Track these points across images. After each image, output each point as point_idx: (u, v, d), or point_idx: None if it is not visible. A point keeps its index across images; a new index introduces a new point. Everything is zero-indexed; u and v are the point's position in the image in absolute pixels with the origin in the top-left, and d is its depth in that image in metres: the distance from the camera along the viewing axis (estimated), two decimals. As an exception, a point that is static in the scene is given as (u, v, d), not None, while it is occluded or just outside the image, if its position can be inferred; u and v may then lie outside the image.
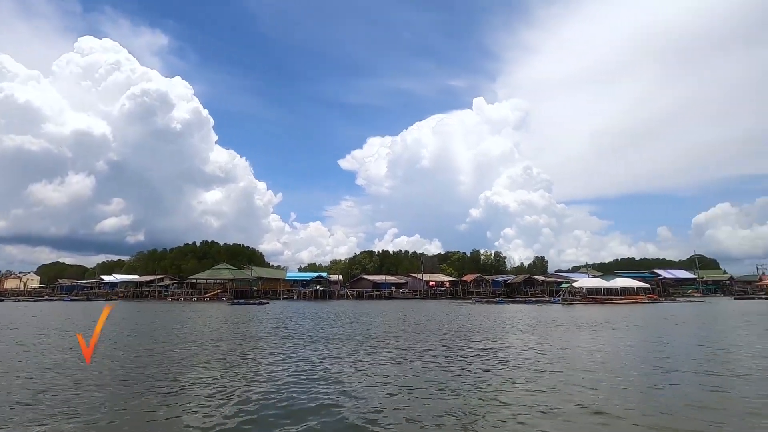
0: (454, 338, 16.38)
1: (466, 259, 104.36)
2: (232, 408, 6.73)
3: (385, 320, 26.15)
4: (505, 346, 14.10)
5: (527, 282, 75.19)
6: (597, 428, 5.79)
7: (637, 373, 9.49)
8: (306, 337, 16.67)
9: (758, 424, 5.83)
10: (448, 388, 8.17)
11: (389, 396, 7.64)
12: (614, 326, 20.96)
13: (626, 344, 14.65)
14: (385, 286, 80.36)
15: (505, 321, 25.08)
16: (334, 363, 11.02)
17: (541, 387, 8.19)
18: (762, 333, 17.59)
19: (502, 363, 10.91)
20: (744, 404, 6.85)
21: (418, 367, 10.32)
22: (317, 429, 5.78)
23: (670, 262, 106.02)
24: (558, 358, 11.78)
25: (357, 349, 13.57)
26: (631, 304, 47.93)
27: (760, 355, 11.88)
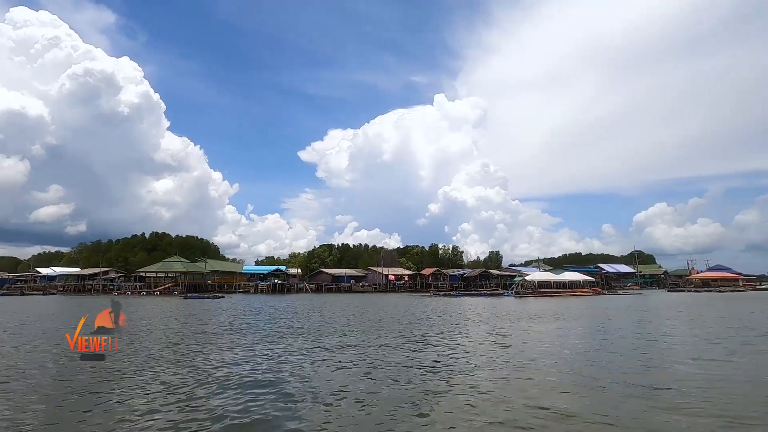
0: (412, 330, 16.72)
1: (425, 253, 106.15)
2: (177, 413, 6.45)
3: (344, 313, 26.20)
4: (461, 338, 14.61)
5: (483, 276, 77.70)
6: (540, 413, 6.19)
7: (580, 361, 10.18)
8: (261, 332, 16.41)
9: (682, 403, 6.48)
10: (404, 378, 8.40)
11: (344, 390, 7.73)
12: (562, 317, 22.23)
13: (571, 333, 15.64)
14: (344, 280, 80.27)
15: (461, 313, 25.87)
16: (290, 358, 10.96)
17: (491, 376, 8.62)
18: (686, 321, 19.32)
19: (458, 353, 11.33)
20: (673, 390, 7.56)
21: (375, 359, 10.49)
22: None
23: (613, 257, 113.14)
24: (509, 347, 12.38)
25: (313, 342, 13.56)
26: (577, 296, 50.88)
27: (684, 342, 13.12)
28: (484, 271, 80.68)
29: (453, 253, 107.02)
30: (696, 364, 9.43)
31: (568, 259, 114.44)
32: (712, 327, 16.76)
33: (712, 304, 31.80)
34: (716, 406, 6.28)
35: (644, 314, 24.11)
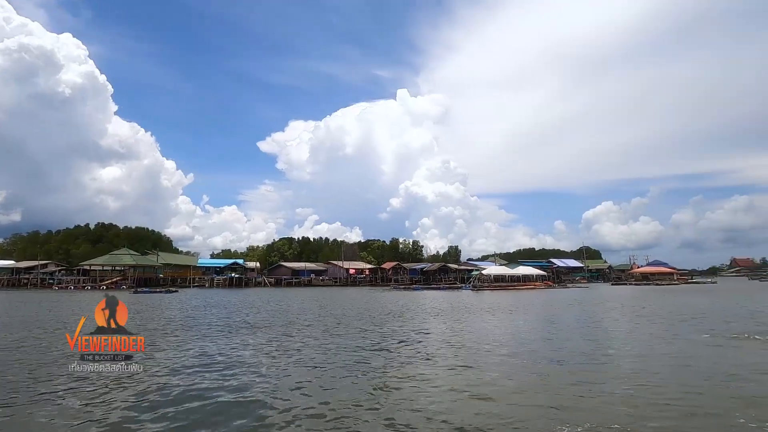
0: (370, 323, 16.83)
1: (386, 248, 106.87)
2: (119, 412, 6.21)
3: (303, 307, 25.93)
4: (419, 330, 14.87)
5: (442, 270, 79.38)
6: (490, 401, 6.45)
7: (529, 350, 10.69)
8: (214, 326, 15.91)
9: (621, 386, 6.98)
10: (360, 370, 8.46)
11: (302, 384, 7.68)
12: (516, 310, 23.19)
13: (523, 325, 16.37)
14: (304, 274, 79.30)
15: (420, 307, 26.33)
16: (243, 353, 10.72)
17: (444, 366, 8.86)
18: (626, 312, 20.75)
19: (414, 346, 11.54)
20: (615, 375, 8.10)
21: (331, 352, 10.48)
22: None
23: (563, 253, 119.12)
24: (464, 338, 12.76)
25: (272, 335, 13.34)
26: (530, 289, 53.35)
27: (625, 330, 14.11)
28: (443, 265, 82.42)
29: (413, 247, 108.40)
30: (632, 352, 10.16)
31: (522, 254, 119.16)
32: (648, 317, 18.12)
33: (648, 297, 34.28)
34: (648, 392, 6.79)
35: (589, 306, 25.63)
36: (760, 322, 15.54)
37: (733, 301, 26.90)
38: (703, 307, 22.91)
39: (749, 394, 6.50)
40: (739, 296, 32.70)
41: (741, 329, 13.54)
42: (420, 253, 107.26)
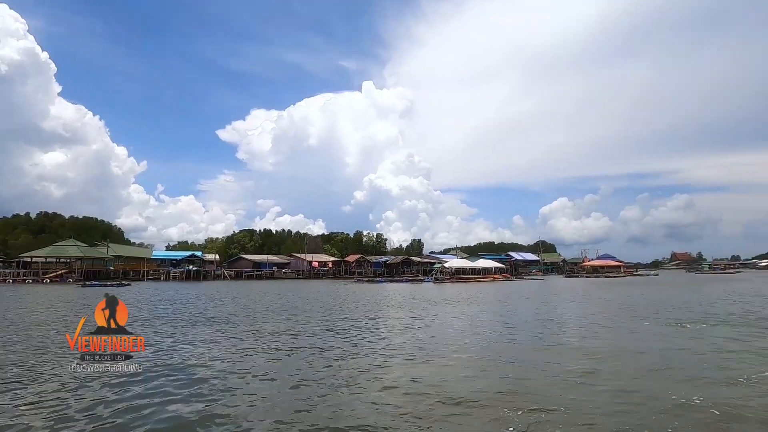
0: (334, 314, 16.90)
1: (349, 240, 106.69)
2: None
3: (265, 300, 25.57)
4: (381, 321, 15.14)
5: (405, 263, 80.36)
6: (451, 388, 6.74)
7: (487, 339, 11.19)
8: (169, 321, 15.43)
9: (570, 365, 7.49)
10: (322, 361, 8.56)
11: (260, 376, 7.67)
12: (475, 301, 24.03)
13: (481, 315, 17.04)
14: (266, 266, 77.80)
15: (383, 298, 26.67)
16: (199, 348, 10.53)
17: (405, 355, 9.13)
18: (576, 303, 22.04)
19: (376, 336, 11.77)
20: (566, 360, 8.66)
21: (294, 344, 10.49)
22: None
23: (521, 246, 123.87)
24: (425, 329, 13.14)
25: (230, 329, 13.13)
26: (490, 282, 55.24)
27: (574, 319, 15.02)
28: (407, 258, 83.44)
29: (377, 240, 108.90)
30: (578, 339, 10.88)
31: (482, 248, 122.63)
32: (596, 307, 19.37)
33: (597, 288, 36.47)
34: (589, 374, 7.34)
35: (543, 297, 26.99)
36: (691, 310, 17.03)
37: (671, 292, 29.17)
38: (645, 297, 24.73)
39: (679, 374, 7.18)
40: (676, 288, 35.49)
41: (675, 317, 14.80)
42: (383, 246, 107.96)
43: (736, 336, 10.81)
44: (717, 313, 15.98)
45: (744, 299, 21.93)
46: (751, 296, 23.86)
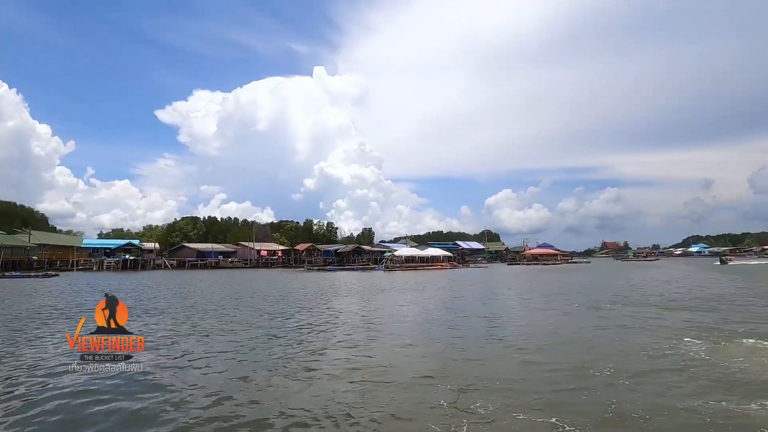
0: (282, 303, 16.78)
1: (300, 229, 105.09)
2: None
3: (209, 290, 24.72)
4: (331, 309, 15.24)
5: (356, 251, 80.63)
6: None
7: (432, 323, 11.71)
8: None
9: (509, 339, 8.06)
10: (269, 349, 8.56)
11: (207, 367, 7.55)
12: (423, 287, 24.81)
13: (429, 300, 17.70)
14: (211, 255, 74.72)
15: (334, 287, 26.74)
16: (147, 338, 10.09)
17: (353, 341, 9.38)
18: (516, 287, 23.47)
19: (325, 322, 11.89)
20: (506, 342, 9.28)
21: (239, 332, 10.35)
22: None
23: (468, 235, 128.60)
24: (374, 314, 13.45)
25: (171, 320, 12.66)
26: (438, 269, 57.01)
27: (512, 302, 16.05)
28: (358, 246, 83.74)
29: (328, 229, 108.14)
30: (515, 320, 11.72)
31: (431, 237, 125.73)
32: (533, 292, 20.77)
33: (535, 275, 38.93)
34: (524, 353, 8.00)
35: (486, 283, 28.42)
36: (614, 294, 18.78)
37: (599, 278, 31.83)
38: (576, 283, 26.86)
39: (599, 351, 7.98)
40: (604, 274, 38.81)
41: (599, 300, 16.30)
42: (334, 234, 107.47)
43: (637, 314, 12.12)
44: (630, 296, 17.83)
45: (655, 284, 24.55)
46: (661, 282, 26.64)
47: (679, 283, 24.73)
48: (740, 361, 6.83)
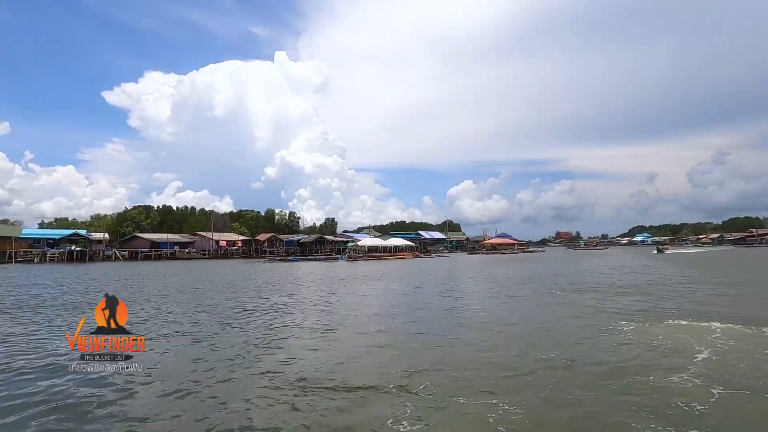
0: (241, 293, 16.58)
1: (260, 218, 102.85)
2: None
3: (164, 281, 23.92)
4: (293, 298, 15.28)
5: (319, 241, 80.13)
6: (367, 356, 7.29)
7: (393, 311, 12.06)
8: (48, 306, 13.87)
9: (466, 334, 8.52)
10: (229, 339, 8.57)
11: (160, 359, 7.48)
12: (385, 277, 25.21)
13: (391, 289, 18.09)
14: (167, 246, 71.73)
15: (295, 277, 26.62)
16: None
17: (315, 329, 9.52)
18: (475, 275, 24.40)
19: (286, 312, 11.94)
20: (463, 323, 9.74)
21: (198, 320, 10.24)
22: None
23: (430, 225, 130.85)
24: (336, 304, 13.63)
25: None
26: (400, 259, 57.82)
27: (471, 289, 16.75)
28: (320, 236, 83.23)
29: (290, 218, 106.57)
30: (473, 306, 12.28)
31: (394, 227, 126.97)
32: (490, 280, 21.69)
33: (493, 263, 40.47)
34: (480, 335, 8.47)
35: (447, 272, 29.28)
36: (565, 281, 19.97)
37: (552, 267, 33.56)
38: (531, 271, 28.22)
39: (547, 335, 8.59)
40: (557, 263, 40.91)
41: (551, 287, 17.29)
42: (296, 224, 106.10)
43: (583, 299, 13.07)
44: (578, 283, 19.05)
45: (601, 272, 26.25)
46: (606, 269, 28.53)
47: (622, 270, 26.57)
48: (660, 339, 7.61)
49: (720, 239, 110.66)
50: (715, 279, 19.15)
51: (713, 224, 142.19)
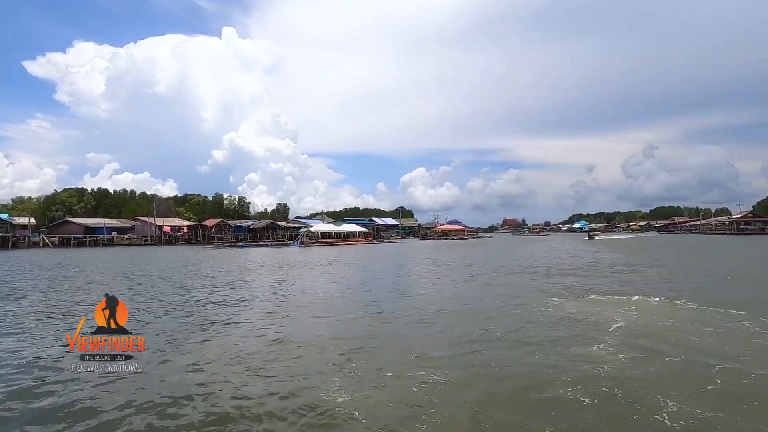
0: (184, 281, 16.07)
1: (208, 203, 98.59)
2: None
3: (99, 267, 22.50)
4: (243, 284, 15.08)
5: (270, 227, 78.36)
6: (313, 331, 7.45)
7: (345, 295, 12.34)
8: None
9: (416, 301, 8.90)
10: (174, 325, 8.41)
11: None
12: (337, 262, 25.42)
13: (340, 273, 18.34)
14: (103, 231, 66.85)
15: (246, 263, 26.07)
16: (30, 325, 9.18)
17: (264, 313, 9.64)
18: (424, 260, 25.19)
19: (236, 297, 11.85)
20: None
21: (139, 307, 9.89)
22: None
23: (383, 212, 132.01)
24: (286, 288, 13.69)
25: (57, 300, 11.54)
26: (353, 245, 58.01)
27: (422, 273, 17.33)
28: (272, 222, 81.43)
29: (239, 204, 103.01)
30: (421, 288, 12.82)
31: (348, 213, 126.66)
32: (439, 263, 22.56)
33: (443, 249, 41.97)
34: (424, 314, 8.96)
35: (398, 257, 29.98)
36: (508, 265, 21.31)
37: (497, 252, 35.47)
38: (478, 256, 29.77)
39: (487, 313, 9.20)
40: (502, 248, 43.31)
41: (494, 270, 18.41)
42: (247, 209, 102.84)
43: (522, 280, 14.07)
44: (519, 265, 20.40)
45: (540, 256, 28.25)
46: (545, 254, 30.67)
47: (560, 254, 28.61)
48: (583, 312, 8.50)
49: (647, 226, 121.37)
50: (636, 261, 21.27)
51: (642, 212, 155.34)
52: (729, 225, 79.87)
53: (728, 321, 7.54)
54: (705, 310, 8.46)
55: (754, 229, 71.34)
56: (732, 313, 8.01)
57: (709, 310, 8.42)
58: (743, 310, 8.20)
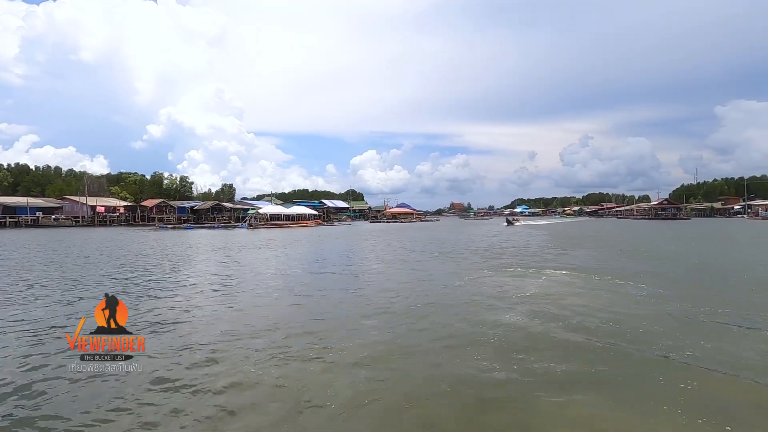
0: (126, 264, 15.89)
1: (146, 182, 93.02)
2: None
3: (28, 251, 21.28)
4: (188, 268, 15.19)
5: (216, 208, 75.75)
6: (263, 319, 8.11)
7: (295, 278, 12.99)
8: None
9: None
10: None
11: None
12: (286, 244, 25.77)
13: (291, 256, 18.94)
14: (27, 211, 61.29)
15: (192, 246, 25.64)
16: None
17: (212, 298, 10.08)
18: (372, 243, 26.25)
19: (182, 284, 12.07)
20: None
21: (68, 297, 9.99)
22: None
23: (333, 194, 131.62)
24: (232, 272, 14.03)
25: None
26: (303, 227, 57.90)
27: (369, 255, 18.34)
28: (217, 203, 78.74)
29: (181, 183, 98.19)
30: (371, 271, 13.78)
31: (297, 195, 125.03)
32: (387, 245, 23.70)
33: (392, 232, 43.31)
34: (374, 295, 9.90)
35: (347, 240, 30.79)
36: (449, 245, 22.91)
37: (443, 234, 37.39)
38: (425, 238, 31.43)
39: (434, 291, 10.38)
40: (447, 231, 45.49)
41: (437, 251, 19.82)
42: (189, 190, 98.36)
43: (461, 259, 15.51)
44: (459, 245, 22.02)
45: (479, 238, 30.36)
46: (483, 236, 32.94)
47: (499, 236, 30.94)
48: (505, 284, 9.94)
49: (580, 211, 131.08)
50: (560, 243, 23.66)
51: (576, 198, 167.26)
52: (647, 210, 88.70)
53: (615, 288, 9.24)
54: (595, 278, 10.20)
55: (667, 215, 79.97)
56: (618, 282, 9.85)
57: (603, 279, 10.18)
58: (631, 280, 10.06)
